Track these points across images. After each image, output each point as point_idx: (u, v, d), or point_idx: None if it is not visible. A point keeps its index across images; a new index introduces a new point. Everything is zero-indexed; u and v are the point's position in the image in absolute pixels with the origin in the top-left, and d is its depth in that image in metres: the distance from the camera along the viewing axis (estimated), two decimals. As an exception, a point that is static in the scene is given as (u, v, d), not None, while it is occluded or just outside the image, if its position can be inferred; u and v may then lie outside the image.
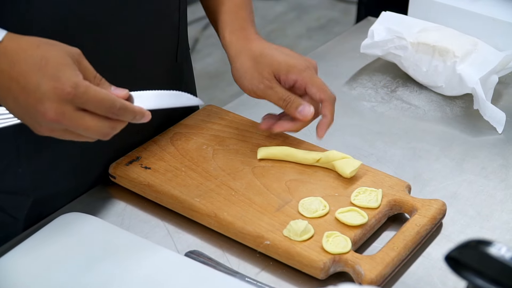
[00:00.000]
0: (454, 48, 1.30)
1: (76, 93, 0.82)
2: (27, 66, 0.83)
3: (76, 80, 0.82)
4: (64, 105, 0.82)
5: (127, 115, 0.87)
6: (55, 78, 0.82)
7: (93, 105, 0.83)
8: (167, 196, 1.04)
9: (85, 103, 0.83)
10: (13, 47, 0.84)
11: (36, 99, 0.82)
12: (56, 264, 0.94)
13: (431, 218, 1.01)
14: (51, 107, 0.82)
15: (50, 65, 0.82)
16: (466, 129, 1.26)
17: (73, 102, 0.82)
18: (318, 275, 0.94)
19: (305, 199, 1.02)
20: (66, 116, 0.82)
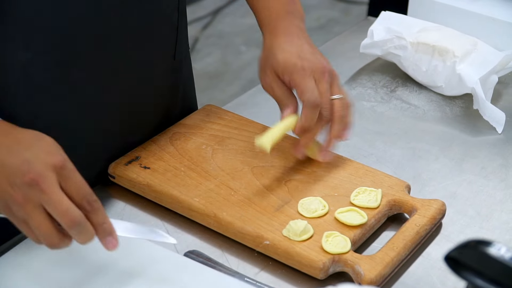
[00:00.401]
0: (453, 48, 1.30)
1: (65, 166, 0.82)
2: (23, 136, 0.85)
3: (66, 157, 0.83)
4: (48, 171, 0.81)
5: (99, 215, 0.84)
6: (49, 151, 0.83)
7: (75, 186, 0.83)
8: (166, 196, 1.04)
9: (69, 179, 0.82)
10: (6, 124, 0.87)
11: (23, 159, 0.81)
12: (55, 264, 0.93)
13: (431, 218, 1.01)
14: (36, 167, 0.81)
15: (45, 141, 0.84)
16: (466, 129, 1.26)
17: (59, 173, 0.82)
18: (317, 275, 0.94)
19: (305, 199, 1.02)
20: (47, 181, 0.81)
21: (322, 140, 1.08)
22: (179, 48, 1.16)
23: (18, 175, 0.81)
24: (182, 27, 1.16)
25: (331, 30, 3.67)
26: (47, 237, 0.83)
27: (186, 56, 1.22)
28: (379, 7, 1.45)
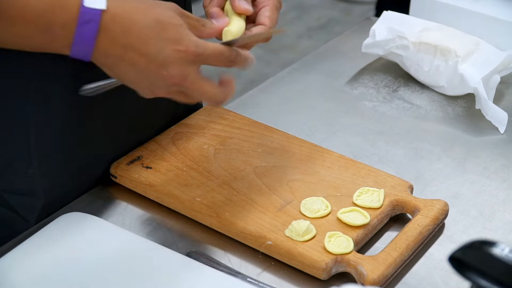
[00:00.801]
0: (456, 47, 1.30)
1: (198, 52, 0.84)
2: (144, 32, 0.83)
3: (195, 39, 0.85)
4: (187, 67, 0.84)
5: (242, 61, 0.89)
6: (177, 41, 0.84)
7: (214, 59, 0.86)
8: (168, 196, 1.04)
9: (207, 59, 0.85)
10: (121, 14, 0.84)
11: (159, 64, 0.83)
12: (57, 264, 0.93)
13: (434, 218, 1.01)
14: (176, 70, 0.83)
15: (167, 28, 0.84)
16: (468, 129, 1.25)
17: (196, 62, 0.84)
18: (320, 276, 0.93)
19: (307, 199, 1.02)
20: (188, 79, 0.84)
21: None
22: None
23: (159, 80, 0.84)
24: None
25: (331, 30, 3.67)
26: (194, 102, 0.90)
27: None
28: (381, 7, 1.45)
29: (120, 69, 0.85)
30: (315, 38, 3.60)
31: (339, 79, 1.38)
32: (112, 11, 0.83)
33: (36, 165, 1.01)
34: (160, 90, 0.87)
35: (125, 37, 0.83)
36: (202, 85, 0.87)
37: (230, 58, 0.88)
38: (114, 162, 1.08)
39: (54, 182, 1.04)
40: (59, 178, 1.04)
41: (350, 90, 1.35)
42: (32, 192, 1.03)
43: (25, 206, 1.03)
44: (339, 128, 1.25)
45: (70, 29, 0.83)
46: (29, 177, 1.02)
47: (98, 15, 0.82)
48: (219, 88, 0.88)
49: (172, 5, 0.86)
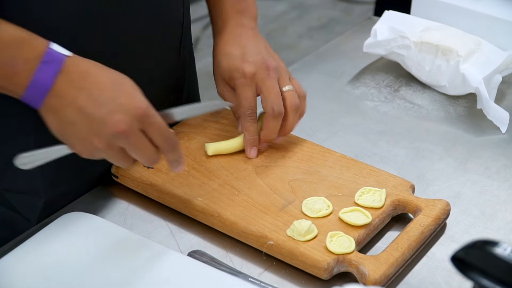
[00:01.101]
0: (457, 47, 1.30)
1: (149, 113, 0.86)
2: (102, 79, 0.86)
3: (148, 103, 0.87)
4: (134, 121, 0.85)
5: (175, 154, 0.91)
6: (131, 96, 0.86)
7: (157, 131, 0.87)
8: (169, 196, 1.04)
9: (151, 126, 0.87)
10: (84, 63, 0.87)
11: (108, 111, 0.84)
12: (58, 264, 0.93)
13: (435, 218, 1.00)
14: (123, 119, 0.84)
15: (125, 85, 0.87)
16: (470, 128, 1.25)
17: (142, 122, 0.86)
18: (321, 276, 0.93)
19: (309, 199, 1.02)
20: (133, 132, 0.85)
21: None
22: (184, 45, 1.16)
23: (105, 127, 0.84)
24: (187, 26, 1.16)
25: (332, 30, 3.67)
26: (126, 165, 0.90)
27: (190, 53, 1.22)
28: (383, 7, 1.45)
29: (67, 113, 0.85)
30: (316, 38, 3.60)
31: (341, 79, 1.38)
32: (76, 59, 0.87)
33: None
34: (101, 140, 0.85)
35: (83, 80, 0.85)
36: (145, 143, 0.87)
37: (168, 141, 0.89)
38: (115, 162, 1.08)
39: (55, 181, 1.04)
40: (59, 177, 1.04)
41: (351, 90, 1.35)
42: (32, 191, 1.03)
43: (25, 205, 1.03)
44: (341, 128, 1.24)
45: (32, 65, 0.85)
46: (30, 176, 1.01)
47: (62, 57, 0.86)
48: (157, 150, 0.89)
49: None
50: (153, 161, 0.90)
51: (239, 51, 1.09)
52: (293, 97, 1.07)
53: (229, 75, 1.08)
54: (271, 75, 1.06)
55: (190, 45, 1.21)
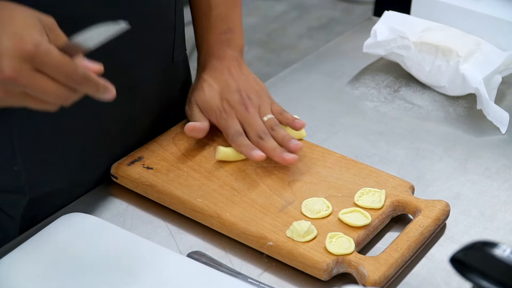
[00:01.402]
0: (457, 47, 1.30)
1: (37, 52, 0.78)
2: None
3: (39, 40, 0.79)
4: (22, 63, 0.78)
5: (89, 86, 0.81)
6: (18, 36, 0.78)
7: (53, 69, 0.79)
8: (169, 197, 1.04)
9: (45, 64, 0.78)
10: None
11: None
12: (57, 264, 0.93)
13: (435, 219, 1.00)
14: (8, 64, 0.77)
15: (15, 24, 0.79)
16: (470, 129, 1.25)
17: (32, 62, 0.78)
18: (321, 276, 0.93)
19: (308, 200, 1.02)
20: (23, 74, 0.78)
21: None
22: (177, 49, 1.16)
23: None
24: (179, 28, 1.15)
25: (332, 30, 3.67)
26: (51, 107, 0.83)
27: (184, 56, 1.22)
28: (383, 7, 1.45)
29: None
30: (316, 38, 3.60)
31: (340, 79, 1.38)
32: None
33: (20, 162, 1.01)
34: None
35: None
36: (41, 82, 0.79)
37: (72, 77, 0.79)
38: (114, 163, 1.08)
39: (40, 179, 1.03)
40: (45, 176, 1.03)
41: (351, 90, 1.35)
42: (15, 189, 1.02)
43: (8, 203, 1.03)
44: (340, 128, 1.24)
45: None
46: (13, 174, 1.01)
47: None
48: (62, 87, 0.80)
49: (46, 17, 0.82)
50: (65, 98, 0.81)
51: (219, 88, 1.13)
52: (274, 124, 1.10)
53: (209, 107, 1.12)
54: (250, 111, 1.10)
55: (184, 48, 1.21)
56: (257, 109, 1.11)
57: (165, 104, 1.17)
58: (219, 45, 1.16)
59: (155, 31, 1.10)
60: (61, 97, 0.80)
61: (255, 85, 1.14)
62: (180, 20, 1.16)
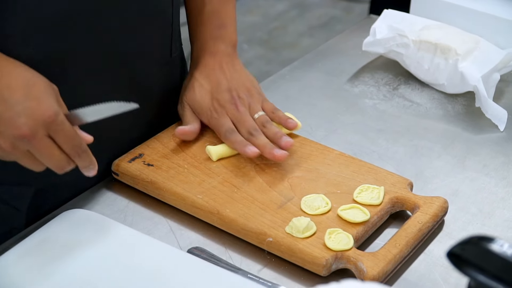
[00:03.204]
0: (456, 46, 1.30)
1: (55, 120, 0.86)
2: (15, 81, 0.86)
3: (58, 109, 0.86)
4: (39, 127, 0.85)
5: (85, 160, 0.90)
6: (40, 101, 0.85)
7: (64, 138, 0.87)
8: (169, 193, 1.04)
9: (58, 133, 0.86)
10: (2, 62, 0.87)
11: (15, 113, 0.84)
12: (58, 261, 0.94)
13: (433, 216, 1.01)
14: (27, 123, 0.84)
15: (37, 87, 0.86)
16: (468, 126, 1.26)
17: (48, 128, 0.86)
18: (320, 272, 0.94)
19: (308, 196, 1.02)
20: (37, 137, 0.85)
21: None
22: (175, 44, 1.17)
23: (8, 127, 0.84)
24: (176, 23, 1.16)
25: (333, 28, 3.67)
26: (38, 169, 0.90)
27: (181, 51, 1.22)
28: (381, 5, 1.46)
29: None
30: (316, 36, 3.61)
31: (340, 77, 1.39)
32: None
33: None
34: (6, 141, 0.85)
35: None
36: (50, 148, 0.87)
37: (76, 149, 0.88)
38: (115, 160, 1.09)
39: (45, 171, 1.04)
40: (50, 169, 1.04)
41: (350, 88, 1.36)
42: (22, 181, 1.03)
43: (14, 195, 1.03)
44: (340, 125, 1.25)
45: None
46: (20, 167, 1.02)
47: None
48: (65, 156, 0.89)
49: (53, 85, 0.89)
50: (61, 167, 0.89)
51: (210, 86, 1.14)
52: (265, 121, 1.10)
53: (199, 108, 1.13)
54: (240, 110, 1.11)
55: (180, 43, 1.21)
56: (248, 107, 1.12)
57: (165, 100, 1.17)
58: (213, 41, 1.17)
59: (154, 27, 1.11)
60: (60, 164, 0.89)
61: (246, 82, 1.15)
62: (177, 15, 1.16)
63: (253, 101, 1.13)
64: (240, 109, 1.11)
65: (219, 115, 1.11)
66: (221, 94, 1.12)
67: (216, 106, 1.12)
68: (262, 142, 1.07)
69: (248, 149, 1.06)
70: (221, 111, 1.11)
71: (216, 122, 1.11)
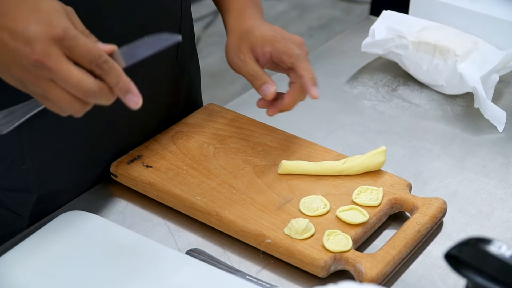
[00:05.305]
0: (454, 47, 1.30)
1: (66, 36, 0.80)
2: (19, 12, 0.82)
3: (67, 25, 0.81)
4: (51, 46, 0.80)
5: (112, 74, 0.82)
6: (46, 21, 0.80)
7: (80, 53, 0.81)
8: (168, 195, 1.04)
9: (73, 48, 0.80)
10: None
11: (24, 40, 0.80)
12: (57, 263, 0.94)
13: (432, 217, 1.01)
14: (38, 46, 0.79)
15: (42, 10, 0.81)
16: (467, 127, 1.26)
17: (61, 45, 0.80)
18: (319, 273, 0.94)
19: (306, 198, 1.02)
20: (52, 58, 0.80)
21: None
22: (183, 48, 1.17)
23: (23, 57, 0.80)
24: (186, 27, 1.16)
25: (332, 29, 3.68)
26: (69, 107, 0.82)
27: (193, 53, 1.22)
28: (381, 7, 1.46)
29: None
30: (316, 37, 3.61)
31: (339, 78, 1.39)
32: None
33: (28, 162, 1.02)
34: (27, 72, 0.81)
35: (2, 18, 0.82)
36: (68, 67, 0.80)
37: (97, 61, 0.81)
38: (114, 161, 1.09)
39: (47, 177, 1.04)
40: (52, 174, 1.04)
41: (349, 89, 1.36)
42: (24, 188, 1.03)
43: (17, 202, 1.03)
44: (339, 127, 1.25)
45: None
46: (22, 173, 1.02)
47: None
48: (88, 75, 0.81)
49: (65, 6, 0.84)
50: (85, 87, 0.80)
51: (270, 28, 1.11)
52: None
53: (264, 41, 1.08)
54: (305, 50, 1.10)
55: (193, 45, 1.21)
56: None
57: (165, 102, 1.17)
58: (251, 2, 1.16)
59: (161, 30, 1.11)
60: (87, 88, 0.81)
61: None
62: (187, 18, 1.16)
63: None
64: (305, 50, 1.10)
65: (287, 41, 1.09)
66: (284, 33, 1.11)
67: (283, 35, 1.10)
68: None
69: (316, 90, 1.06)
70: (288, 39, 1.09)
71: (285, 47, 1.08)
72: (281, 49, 1.08)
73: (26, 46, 0.80)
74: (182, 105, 1.21)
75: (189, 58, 1.21)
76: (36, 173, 1.03)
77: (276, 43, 1.08)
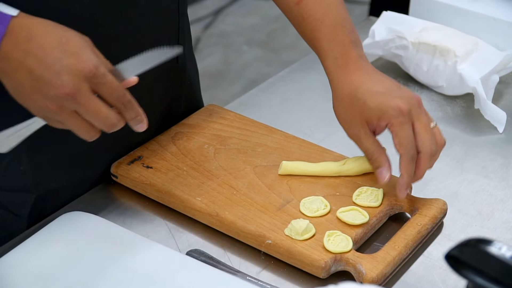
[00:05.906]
0: (455, 47, 1.30)
1: (96, 73, 0.83)
2: (47, 40, 0.83)
3: (97, 61, 0.84)
4: (81, 82, 0.83)
5: (132, 111, 0.88)
6: (77, 56, 0.83)
7: (107, 90, 0.85)
8: (168, 195, 1.04)
9: (101, 85, 0.84)
10: (29, 23, 0.84)
11: (54, 72, 0.82)
12: (58, 263, 0.94)
13: (432, 218, 1.01)
14: (69, 81, 0.82)
15: (71, 43, 0.84)
16: (467, 128, 1.26)
17: (90, 82, 0.83)
18: (319, 274, 0.94)
19: (307, 198, 1.02)
20: (82, 93, 0.83)
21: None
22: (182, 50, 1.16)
23: (52, 88, 0.82)
24: (183, 29, 1.16)
25: (333, 30, 3.67)
26: (86, 134, 0.87)
27: (190, 56, 1.22)
28: (381, 7, 1.46)
29: (17, 76, 0.84)
30: (316, 38, 3.60)
31: (339, 79, 1.38)
32: (22, 19, 0.84)
33: (26, 162, 1.02)
34: (52, 102, 0.83)
35: (28, 43, 0.83)
36: (96, 103, 0.84)
37: (121, 100, 0.86)
38: (114, 162, 1.09)
39: (46, 177, 1.04)
40: (51, 174, 1.04)
41: (349, 90, 1.35)
42: (22, 188, 1.03)
43: (15, 202, 1.03)
44: (339, 127, 1.24)
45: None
46: (20, 173, 1.02)
47: (7, 19, 0.83)
48: (112, 111, 0.86)
49: (85, 37, 0.86)
50: (110, 123, 0.86)
51: (382, 88, 1.02)
52: (441, 134, 1.03)
53: (381, 115, 1.00)
54: (423, 111, 1.02)
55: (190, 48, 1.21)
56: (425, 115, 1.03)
57: (167, 105, 1.17)
58: (351, 44, 1.05)
59: (159, 33, 1.11)
60: (108, 121, 0.86)
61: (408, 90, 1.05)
62: (184, 21, 1.16)
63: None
64: (423, 110, 1.02)
65: (404, 120, 1.00)
66: (399, 93, 1.02)
67: (400, 105, 1.00)
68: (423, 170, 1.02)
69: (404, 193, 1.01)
70: (407, 114, 1.00)
71: (401, 130, 1.00)
72: (395, 129, 1.00)
73: (56, 78, 0.82)
74: (183, 106, 1.21)
75: (188, 59, 1.21)
76: (34, 173, 1.03)
77: (393, 118, 0.99)
